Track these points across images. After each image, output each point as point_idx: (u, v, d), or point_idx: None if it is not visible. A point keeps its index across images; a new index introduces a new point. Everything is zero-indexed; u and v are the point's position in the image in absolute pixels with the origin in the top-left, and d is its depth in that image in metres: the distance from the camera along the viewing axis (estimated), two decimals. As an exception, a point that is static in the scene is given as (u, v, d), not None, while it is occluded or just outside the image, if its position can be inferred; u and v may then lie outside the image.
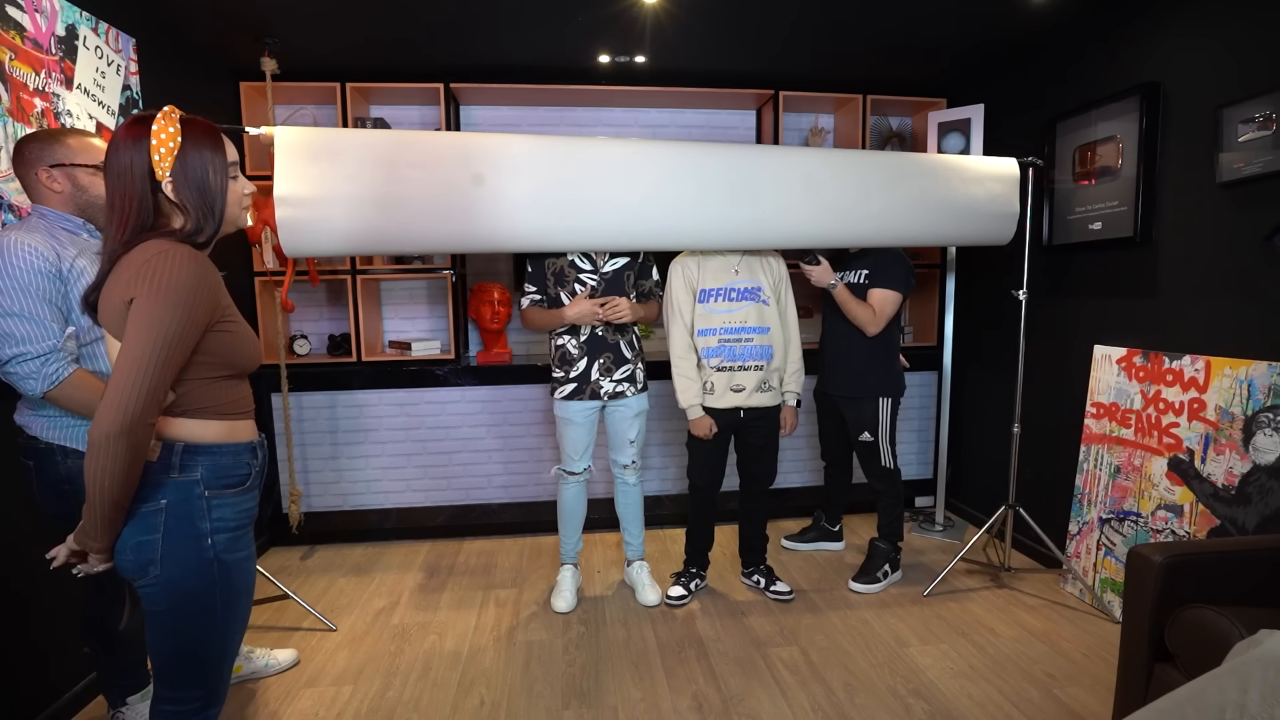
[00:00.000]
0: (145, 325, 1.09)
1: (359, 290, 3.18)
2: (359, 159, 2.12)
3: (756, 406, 2.53)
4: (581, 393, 2.49)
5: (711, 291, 2.50)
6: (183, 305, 1.11)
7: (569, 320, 2.43)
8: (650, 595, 2.63)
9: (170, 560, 1.17)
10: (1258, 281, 2.08)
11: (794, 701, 2.03)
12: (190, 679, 1.24)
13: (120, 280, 1.13)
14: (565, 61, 3.12)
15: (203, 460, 1.20)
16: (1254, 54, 2.08)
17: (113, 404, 1.06)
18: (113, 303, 1.13)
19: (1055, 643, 2.32)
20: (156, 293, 1.09)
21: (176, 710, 1.24)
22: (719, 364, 2.49)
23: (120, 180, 1.16)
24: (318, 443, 3.26)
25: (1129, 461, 2.46)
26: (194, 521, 1.19)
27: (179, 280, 1.11)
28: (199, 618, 1.21)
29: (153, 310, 1.09)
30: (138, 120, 1.18)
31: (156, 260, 1.11)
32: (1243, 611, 1.41)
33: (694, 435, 2.56)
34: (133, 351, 1.08)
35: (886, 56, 3.10)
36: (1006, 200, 2.66)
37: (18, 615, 1.83)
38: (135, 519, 1.16)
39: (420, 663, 2.26)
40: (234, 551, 1.24)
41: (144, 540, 1.16)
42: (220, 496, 1.22)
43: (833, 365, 2.78)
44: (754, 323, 2.49)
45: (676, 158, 2.36)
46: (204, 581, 1.20)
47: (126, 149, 1.15)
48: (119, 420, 1.06)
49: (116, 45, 2.24)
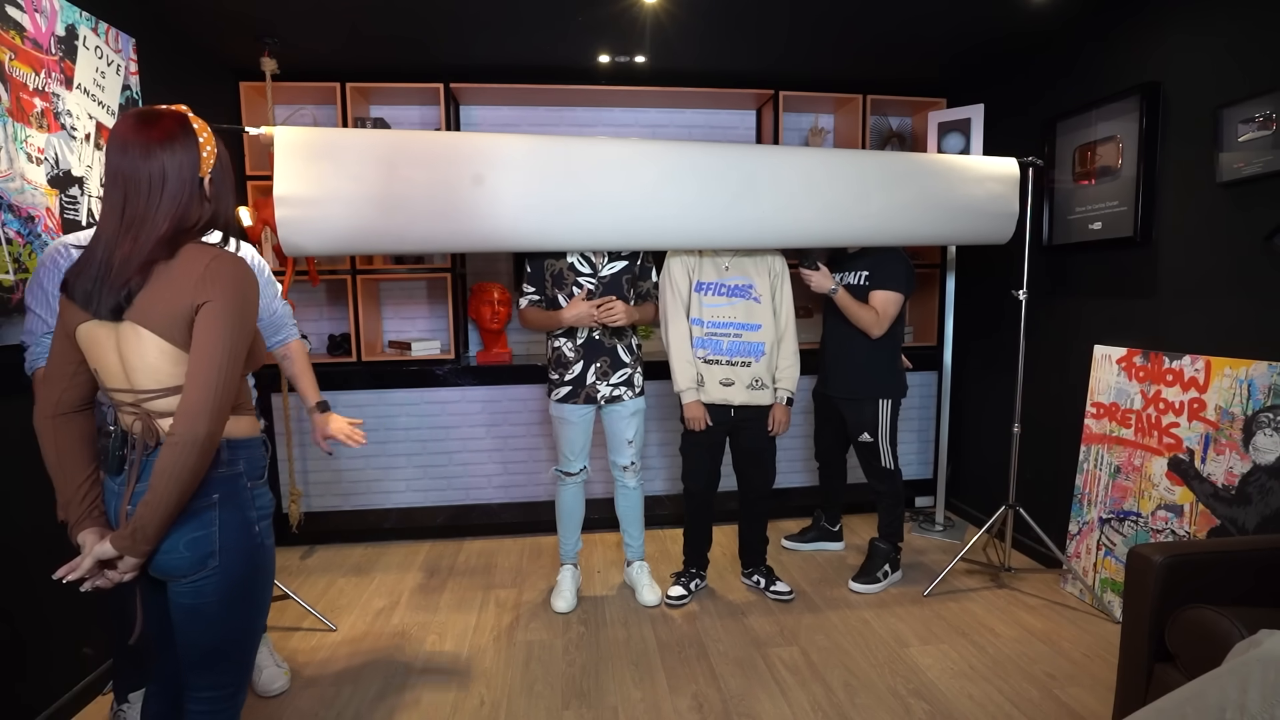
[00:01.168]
0: (225, 328, 1.13)
1: (359, 290, 3.18)
2: (359, 159, 2.12)
3: (749, 405, 2.52)
4: (576, 396, 2.49)
5: (706, 285, 2.52)
6: (247, 305, 1.18)
7: (566, 322, 2.42)
8: (650, 595, 2.63)
9: (228, 551, 1.21)
10: (1258, 281, 2.08)
11: (794, 701, 2.03)
12: (231, 665, 1.29)
13: (182, 285, 1.13)
14: (565, 61, 3.12)
15: (243, 454, 1.25)
16: (1254, 54, 2.07)
17: (205, 406, 1.10)
18: (172, 308, 1.13)
19: (1055, 643, 2.32)
20: (228, 296, 1.14)
21: (215, 696, 1.28)
22: (705, 355, 2.50)
23: (165, 181, 1.15)
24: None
25: (1129, 461, 2.46)
26: (244, 512, 1.24)
27: (246, 283, 1.17)
28: (249, 602, 1.28)
29: (229, 314, 1.14)
30: (174, 118, 1.17)
31: (217, 265, 1.15)
32: (1243, 611, 1.41)
33: (687, 434, 2.57)
34: (216, 355, 1.12)
35: (886, 56, 3.10)
36: (1006, 200, 2.66)
37: (18, 616, 1.83)
38: (189, 516, 1.18)
39: (420, 663, 2.26)
40: (269, 537, 1.30)
41: (199, 535, 1.19)
42: (257, 486, 1.28)
43: (833, 366, 2.77)
44: (743, 319, 2.50)
45: (676, 157, 2.36)
46: (253, 567, 1.26)
47: (162, 150, 1.15)
48: (211, 419, 1.11)
49: (116, 45, 2.24)
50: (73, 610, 1.98)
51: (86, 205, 2.08)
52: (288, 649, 2.33)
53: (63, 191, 1.99)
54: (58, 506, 1.23)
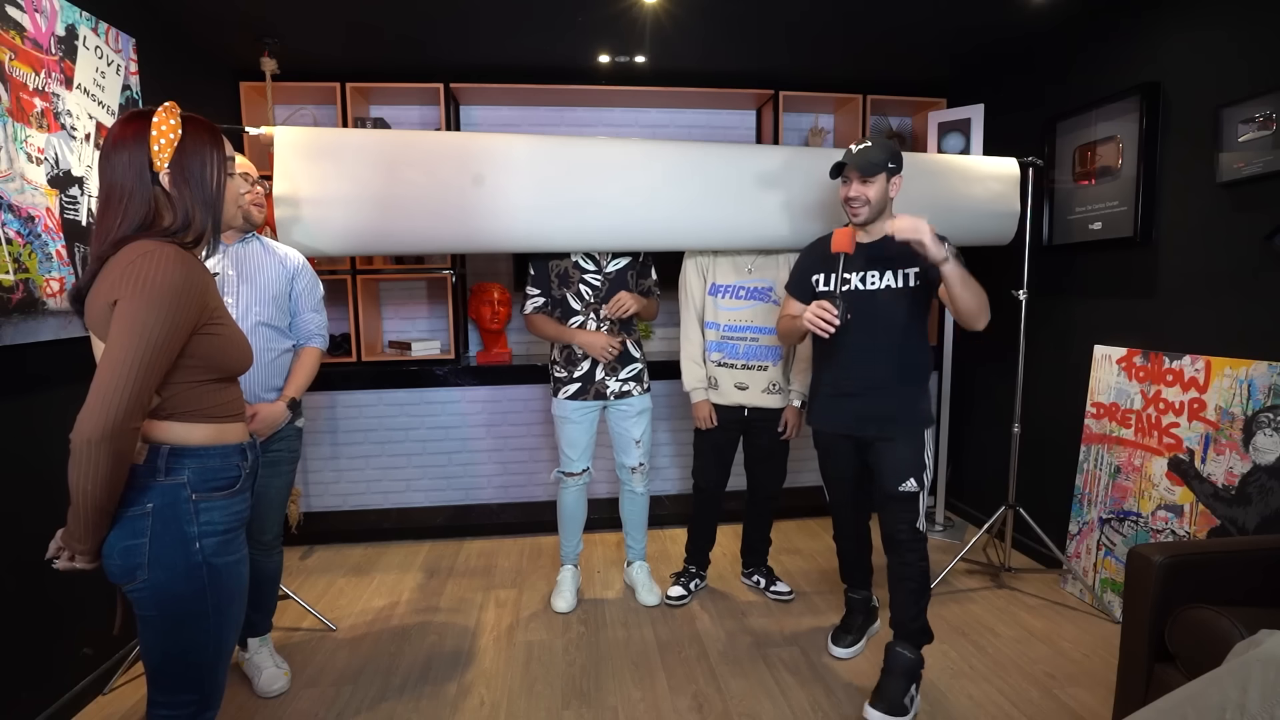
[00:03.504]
0: (129, 328, 1.06)
1: (359, 290, 3.18)
2: (359, 159, 2.12)
3: (763, 408, 2.50)
4: (586, 393, 2.48)
5: (722, 287, 2.49)
6: (168, 307, 1.08)
7: (579, 343, 2.42)
8: (650, 595, 2.63)
9: (158, 564, 1.15)
10: (1258, 281, 2.08)
11: (794, 701, 2.03)
12: (184, 683, 1.22)
13: (106, 281, 1.11)
14: (565, 61, 3.12)
15: (189, 463, 1.18)
16: (1254, 54, 2.07)
17: (95, 408, 1.03)
18: (98, 304, 1.11)
19: (1055, 643, 2.32)
20: (140, 294, 1.07)
21: (172, 715, 1.22)
22: (720, 359, 2.49)
23: (118, 175, 1.14)
24: (317, 443, 3.26)
25: (1129, 461, 2.46)
26: (181, 525, 1.16)
27: (164, 281, 1.08)
28: (190, 622, 1.19)
29: (136, 312, 1.06)
30: (135, 116, 1.16)
31: (141, 261, 1.09)
32: (1243, 611, 1.41)
33: (698, 431, 2.56)
34: (116, 355, 1.05)
35: (887, 57, 3.10)
36: (1006, 200, 2.66)
37: (18, 616, 1.83)
38: (121, 523, 1.14)
39: (420, 663, 2.26)
40: (224, 555, 1.21)
41: (131, 545, 1.14)
42: (208, 499, 1.19)
43: (860, 388, 2.00)
44: (760, 323, 2.47)
45: (677, 157, 2.36)
46: (193, 586, 1.18)
47: (125, 145, 1.14)
48: (101, 425, 1.03)
49: (116, 45, 2.24)
50: (73, 610, 1.98)
51: (86, 205, 2.08)
52: (288, 649, 2.33)
53: (63, 191, 1.99)
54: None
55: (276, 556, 2.18)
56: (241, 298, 1.93)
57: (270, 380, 1.97)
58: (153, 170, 1.15)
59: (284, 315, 2.02)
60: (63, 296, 1.94)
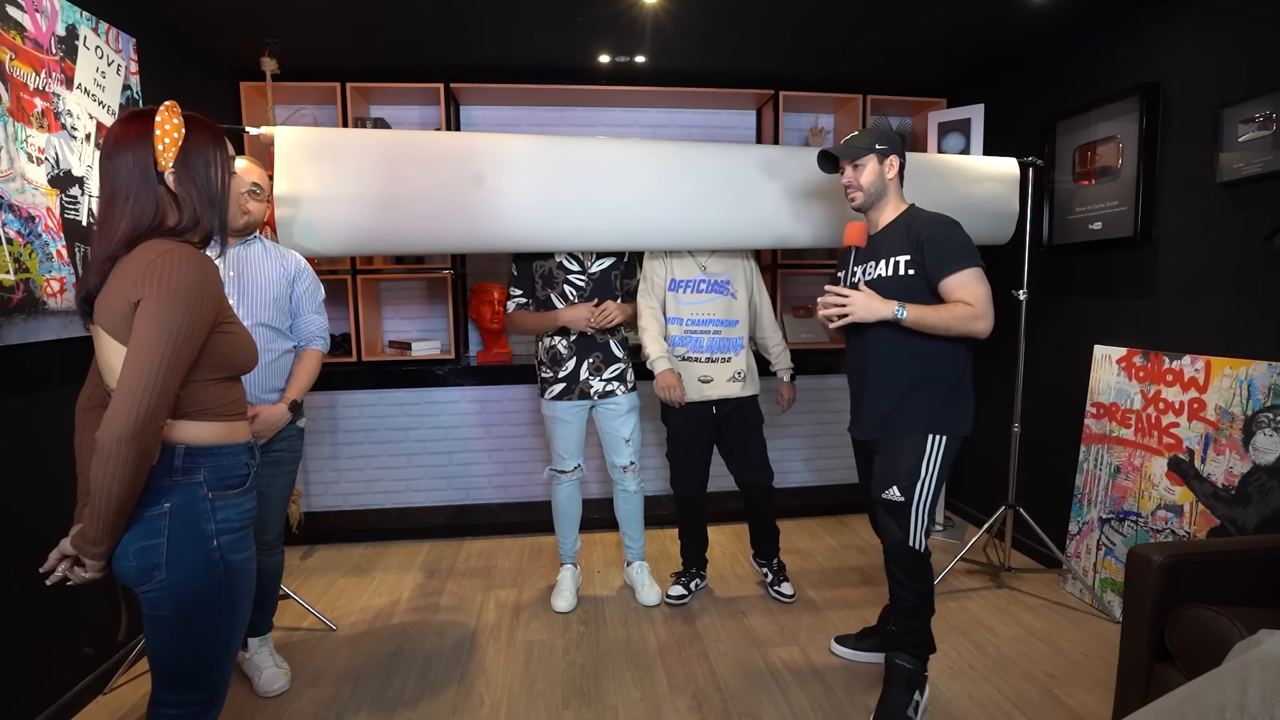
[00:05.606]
0: (154, 327, 1.07)
1: (359, 290, 3.18)
2: (359, 159, 2.12)
3: (729, 398, 2.50)
4: (570, 392, 2.49)
5: (681, 282, 2.51)
6: (190, 306, 1.10)
7: (563, 323, 2.42)
8: (650, 595, 2.63)
9: (176, 564, 1.15)
10: (1258, 281, 2.08)
11: (794, 701, 2.03)
12: (192, 681, 1.22)
13: (125, 281, 1.11)
14: (565, 61, 3.12)
15: (205, 462, 1.19)
16: (1254, 54, 2.07)
17: (125, 407, 1.04)
18: (116, 305, 1.11)
19: (1055, 643, 2.32)
20: (165, 293, 1.08)
21: (180, 714, 1.22)
22: (684, 354, 2.49)
23: (121, 176, 1.14)
24: (318, 442, 3.27)
25: (1129, 461, 2.46)
26: (199, 524, 1.18)
27: (186, 280, 1.10)
28: (205, 620, 1.20)
29: (160, 311, 1.07)
30: (135, 115, 1.16)
31: (162, 261, 1.10)
32: (1243, 611, 1.41)
33: (673, 439, 2.56)
34: (142, 354, 1.06)
35: (887, 57, 3.10)
36: (1006, 200, 2.66)
37: (18, 615, 1.83)
38: (138, 524, 1.14)
39: (420, 663, 2.26)
40: (237, 552, 1.23)
41: (148, 545, 1.14)
42: (223, 498, 1.21)
43: (870, 392, 1.96)
44: (722, 315, 2.49)
45: (676, 157, 2.36)
46: (210, 583, 1.19)
47: (128, 145, 1.14)
48: (130, 424, 1.04)
49: (117, 45, 2.24)
50: (73, 611, 1.98)
51: (87, 205, 2.08)
52: (288, 649, 2.33)
53: (63, 191, 1.99)
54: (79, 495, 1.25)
55: (277, 556, 2.18)
56: (242, 299, 1.93)
57: (271, 381, 1.97)
58: (157, 170, 1.15)
59: (284, 317, 2.02)
60: (63, 296, 1.94)
